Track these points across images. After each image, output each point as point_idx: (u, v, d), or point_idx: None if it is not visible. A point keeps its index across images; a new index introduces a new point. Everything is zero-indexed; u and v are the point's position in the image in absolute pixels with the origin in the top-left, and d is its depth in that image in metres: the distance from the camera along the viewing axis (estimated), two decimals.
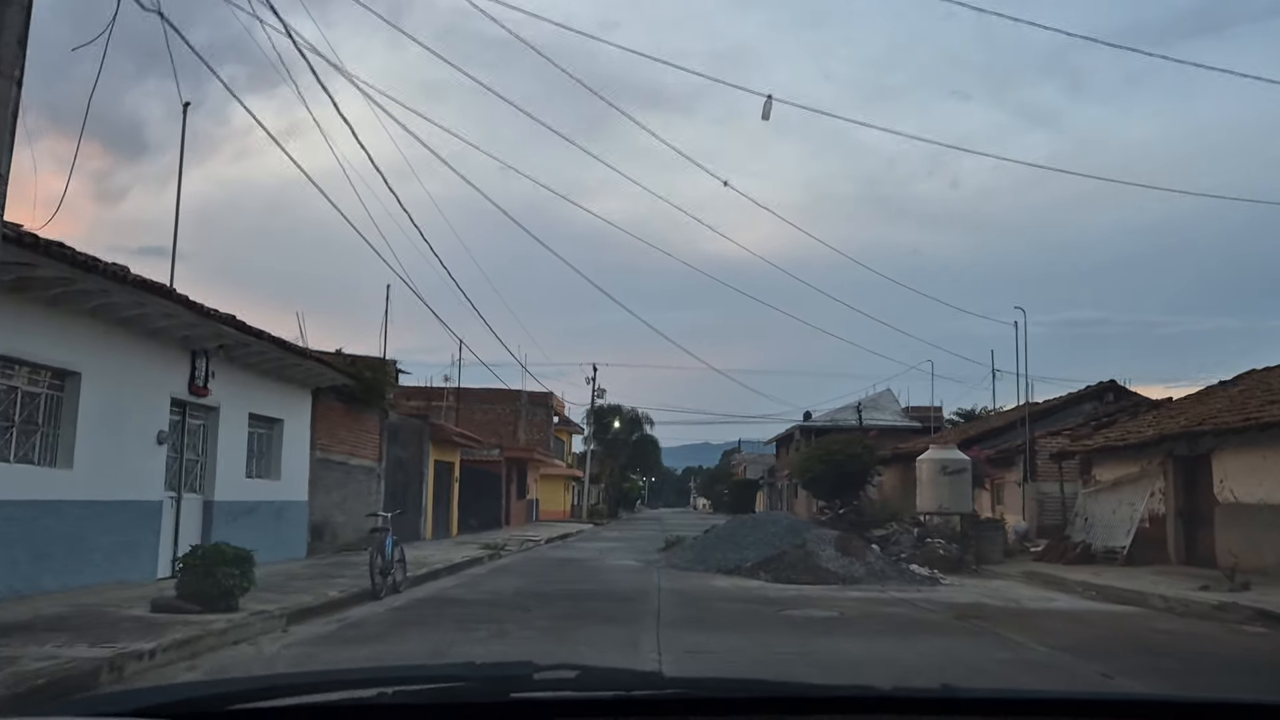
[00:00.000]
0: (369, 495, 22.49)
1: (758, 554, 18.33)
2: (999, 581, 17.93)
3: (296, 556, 18.00)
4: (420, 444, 27.10)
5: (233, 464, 15.57)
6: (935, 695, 1.96)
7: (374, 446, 22.88)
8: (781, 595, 14.38)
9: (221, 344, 14.19)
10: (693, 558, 19.54)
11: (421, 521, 27.02)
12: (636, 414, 69.28)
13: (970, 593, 15.34)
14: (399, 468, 25.28)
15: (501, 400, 46.26)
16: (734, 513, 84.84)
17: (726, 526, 22.10)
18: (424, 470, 27.24)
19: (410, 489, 26.30)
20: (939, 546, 20.56)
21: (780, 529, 19.63)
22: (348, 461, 21.10)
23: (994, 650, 8.91)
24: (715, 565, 18.43)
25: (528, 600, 13.50)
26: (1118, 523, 20.92)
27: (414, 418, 27.46)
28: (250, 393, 16.13)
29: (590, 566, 20.03)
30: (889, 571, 17.21)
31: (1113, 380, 30.22)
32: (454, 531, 30.54)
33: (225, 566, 9.80)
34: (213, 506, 14.90)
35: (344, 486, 20.91)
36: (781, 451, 73.18)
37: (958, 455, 22.71)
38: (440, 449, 28.87)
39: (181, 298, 12.06)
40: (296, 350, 15.90)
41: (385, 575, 13.61)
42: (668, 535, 27.15)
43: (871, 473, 37.52)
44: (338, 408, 20.56)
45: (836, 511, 28.40)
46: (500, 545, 24.69)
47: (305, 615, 10.64)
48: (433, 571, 16.93)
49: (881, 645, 9.15)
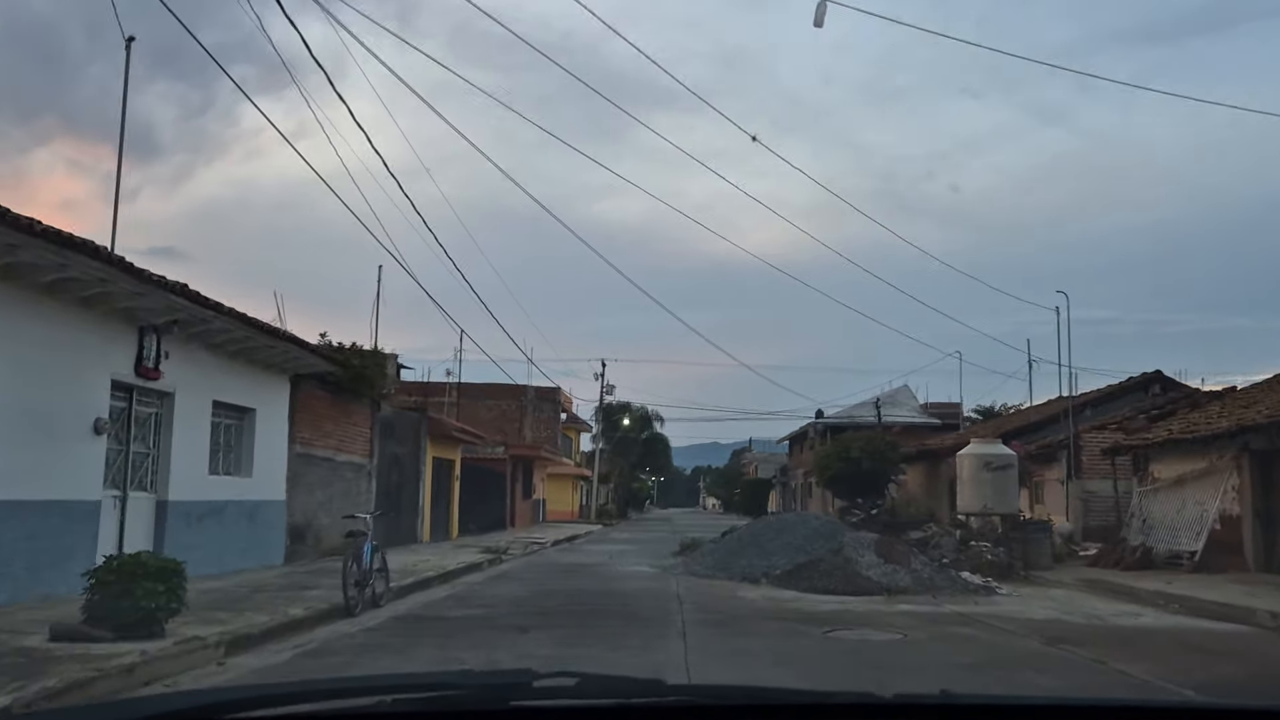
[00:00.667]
0: (358, 494, 20.49)
1: (787, 560, 16.27)
2: (1059, 591, 15.85)
3: (272, 563, 16.01)
4: (417, 439, 25.11)
5: (193, 458, 13.57)
6: (934, 701, 1.94)
7: (364, 441, 20.89)
8: (821, 610, 12.32)
9: (175, 319, 12.19)
10: (713, 564, 17.49)
11: (418, 523, 25.02)
12: (646, 411, 67.28)
13: (1036, 606, 13.26)
14: (393, 465, 23.30)
15: (506, 396, 44.25)
16: (745, 513, 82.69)
17: (750, 529, 20.03)
18: (421, 468, 25.25)
19: (406, 488, 24.31)
20: (985, 551, 18.47)
21: (810, 532, 17.54)
22: (334, 457, 19.10)
23: (1129, 695, 6.85)
24: (740, 573, 16.38)
25: (527, 616, 11.51)
26: (1183, 524, 18.82)
27: (410, 411, 25.46)
28: (215, 377, 14.14)
29: (600, 574, 17.98)
30: (938, 580, 15.14)
31: (1158, 371, 28.07)
32: (454, 534, 28.55)
33: (147, 582, 7.78)
34: (167, 507, 12.90)
35: (329, 485, 18.91)
36: (795, 450, 71.06)
37: (1003, 450, 20.61)
38: (439, 445, 26.88)
39: (115, 258, 10.06)
40: (266, 329, 13.89)
41: (363, 587, 11.61)
42: (683, 538, 25.11)
43: (895, 471, 35.47)
44: (322, 398, 18.56)
45: (867, 512, 26.26)
46: (502, 549, 22.69)
47: (252, 642, 8.61)
48: (422, 581, 14.93)
49: (981, 687, 7.08)
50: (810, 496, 64.38)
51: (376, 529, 21.85)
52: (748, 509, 79.72)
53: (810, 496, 64.38)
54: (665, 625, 10.61)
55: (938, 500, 34.49)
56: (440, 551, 21.63)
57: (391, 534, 22.72)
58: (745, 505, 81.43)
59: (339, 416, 19.39)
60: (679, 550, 24.34)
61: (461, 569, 17.32)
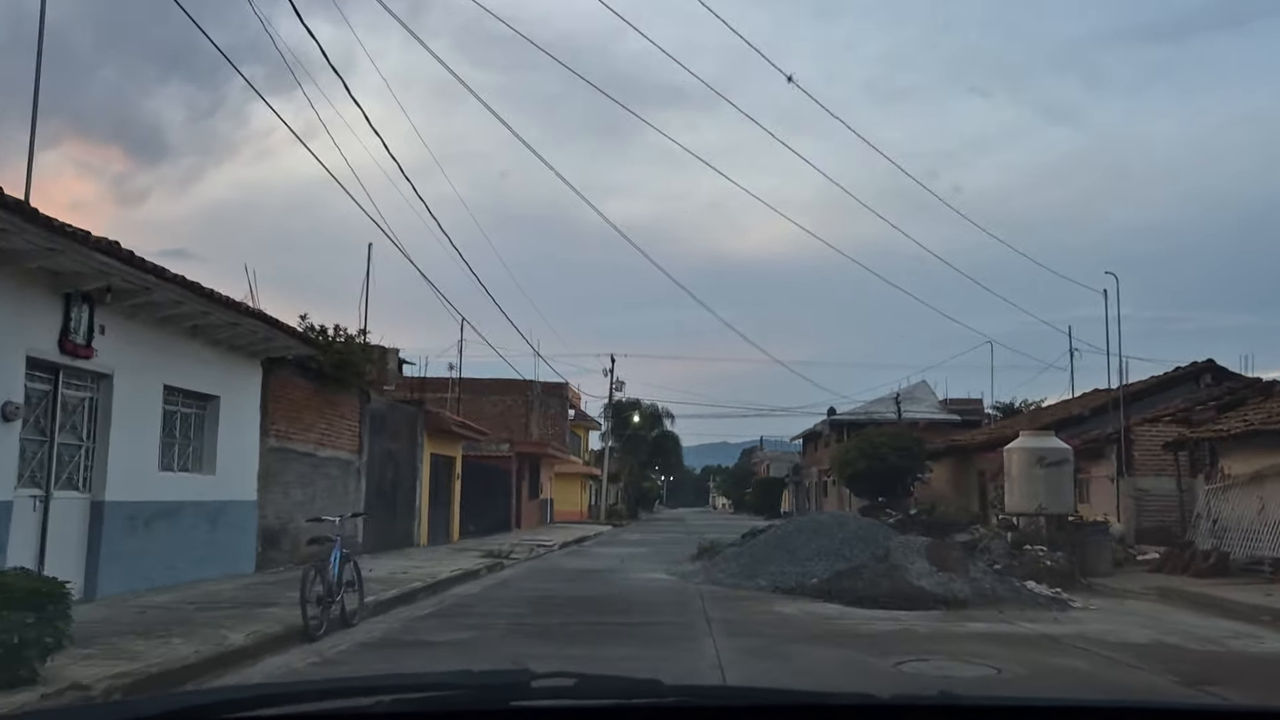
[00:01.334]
0: (345, 494, 18.52)
1: (825, 567, 14.23)
2: (1136, 603, 13.79)
3: (241, 572, 14.04)
4: (413, 435, 23.14)
5: (138, 452, 11.59)
6: (934, 701, 1.95)
7: (352, 435, 18.92)
8: (878, 630, 10.28)
9: (108, 285, 10.21)
10: (738, 570, 15.45)
11: (414, 525, 23.05)
12: (656, 409, 65.24)
13: (1124, 623, 11.22)
14: (386, 462, 21.33)
15: (512, 391, 42.25)
16: (757, 513, 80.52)
17: (778, 531, 17.95)
18: (417, 465, 23.28)
19: (400, 487, 22.34)
20: (1042, 556, 16.40)
21: (849, 535, 15.50)
22: (315, 453, 17.12)
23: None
24: (770, 581, 14.34)
25: (525, 640, 9.58)
26: (1264, 526, 16.72)
27: (405, 404, 23.49)
28: (167, 358, 12.16)
29: (612, 583, 15.97)
30: (1000, 590, 13.08)
31: (1210, 360, 25.91)
32: (455, 536, 26.57)
33: (11, 611, 5.79)
34: (104, 509, 10.92)
35: (310, 483, 16.94)
36: (809, 448, 68.95)
37: (1057, 444, 18.52)
38: (438, 441, 24.89)
39: (11, 201, 8.07)
40: (225, 303, 11.89)
41: (328, 606, 9.61)
42: (699, 540, 23.10)
43: (921, 468, 33.42)
44: (302, 387, 16.59)
45: (906, 512, 24.04)
46: (505, 553, 20.71)
47: (163, 685, 6.62)
48: (407, 593, 12.93)
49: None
50: (825, 496, 62.26)
51: (366, 532, 19.97)
52: (760, 509, 77.57)
53: (825, 496, 62.26)
54: (695, 653, 8.59)
55: (966, 498, 32.36)
56: (436, 557, 19.66)
57: (384, 537, 20.78)
58: (757, 505, 79.31)
59: (322, 407, 17.42)
60: (697, 554, 22.35)
61: (456, 577, 15.33)
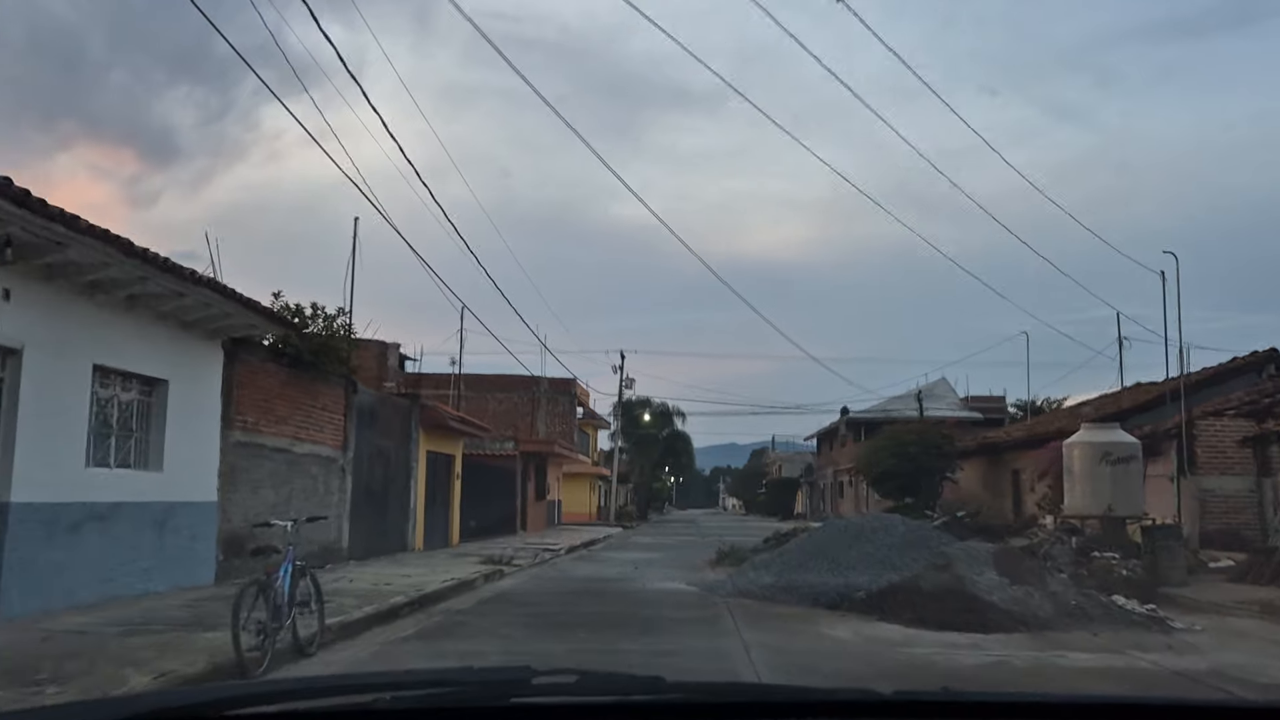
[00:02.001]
0: (327, 494, 16.55)
1: (871, 578, 12.17)
2: (1239, 621, 11.68)
3: (198, 583, 12.07)
4: (406, 430, 21.16)
5: (58, 443, 9.61)
6: (935, 698, 1.92)
7: (335, 430, 16.94)
8: (963, 665, 8.22)
9: (7, 237, 8.22)
10: (771, 581, 13.38)
11: (408, 528, 21.06)
12: (667, 408, 63.19)
13: (1247, 650, 9.19)
14: (376, 460, 19.35)
15: (517, 388, 40.26)
16: (769, 514, 78.38)
17: (815, 537, 15.84)
18: (412, 464, 21.29)
19: (393, 487, 20.37)
20: (1115, 564, 14.32)
21: (897, 540, 13.45)
22: (292, 448, 15.14)
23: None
24: (809, 594, 12.27)
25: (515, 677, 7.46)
26: None
27: (398, 397, 21.53)
28: (98, 334, 10.18)
29: (625, 595, 13.93)
30: (1088, 607, 11.00)
31: (1273, 349, 23.74)
32: (454, 539, 24.58)
33: None
34: (10, 511, 8.93)
35: (286, 482, 14.97)
36: (824, 448, 66.84)
37: (1124, 438, 16.45)
38: (435, 438, 22.91)
39: None
40: (162, 265, 9.88)
41: (272, 634, 7.59)
42: (719, 544, 21.10)
43: (950, 466, 31.32)
44: (275, 373, 14.63)
45: (953, 515, 21.94)
46: (507, 558, 18.72)
47: None
48: (386, 610, 10.92)
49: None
50: (841, 497, 60.13)
51: (353, 536, 18.01)
52: (773, 510, 75.46)
53: (841, 497, 60.13)
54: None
55: (999, 499, 30.23)
56: (430, 563, 17.68)
57: (374, 542, 18.81)
58: (770, 506, 77.20)
59: (299, 397, 15.44)
60: (716, 559, 20.34)
61: (447, 589, 13.34)
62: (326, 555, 16.35)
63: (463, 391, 38.95)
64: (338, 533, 16.97)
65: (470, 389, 40.04)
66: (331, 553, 16.61)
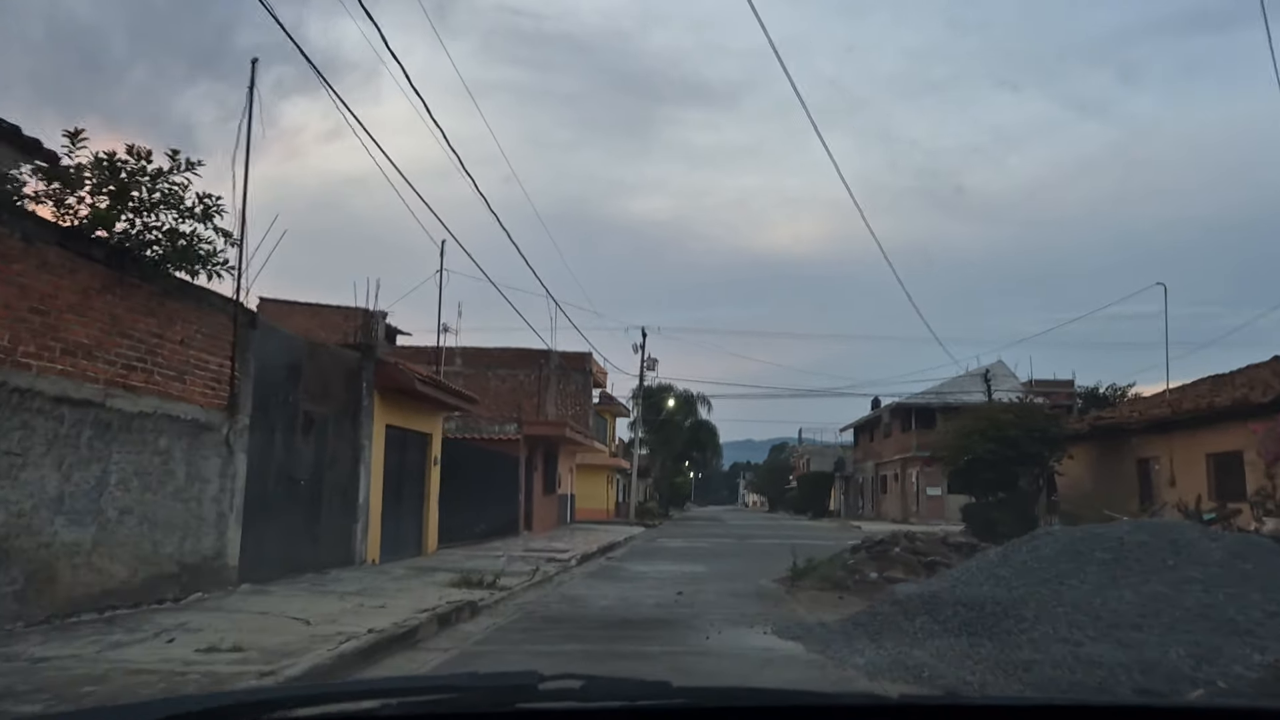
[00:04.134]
0: (190, 481, 10.15)
1: (1204, 648, 5.67)
2: None
3: None
4: (353, 395, 14.78)
5: None
6: (941, 702, 1.92)
7: (213, 380, 10.54)
8: None
9: None
10: (963, 649, 6.85)
11: (355, 532, 14.67)
12: (691, 395, 56.75)
13: None
14: (301, 432, 13.00)
15: (524, 365, 33.82)
16: (798, 510, 71.48)
17: (1026, 557, 9.03)
18: (362, 441, 14.90)
19: (330, 474, 14.00)
20: None
21: (1224, 567, 6.90)
22: (106, 401, 8.72)
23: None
24: (1066, 682, 5.79)
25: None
26: None
27: (344, 348, 15.13)
28: None
29: (684, 664, 7.37)
30: None
31: None
32: (429, 545, 18.21)
33: None
34: None
35: (95, 459, 8.53)
36: (862, 439, 60.15)
37: None
38: (401, 408, 16.53)
39: None
40: None
41: None
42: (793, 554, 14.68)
43: (1061, 453, 24.71)
44: (61, 266, 8.24)
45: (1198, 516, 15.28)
46: (493, 577, 12.39)
47: None
48: None
49: None
50: (884, 492, 53.41)
51: (259, 546, 11.53)
52: (803, 507, 68.59)
53: (884, 492, 53.41)
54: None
55: (1119, 494, 23.59)
56: (372, 589, 11.32)
57: (292, 553, 12.44)
58: (801, 503, 70.36)
59: (131, 320, 9.04)
60: (791, 577, 13.98)
61: (365, 649, 6.95)
62: (193, 578, 9.99)
63: (458, 366, 32.59)
64: (217, 542, 10.59)
65: (469, 365, 33.68)
66: (204, 574, 10.25)
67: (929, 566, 14.29)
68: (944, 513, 46.25)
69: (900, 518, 47.78)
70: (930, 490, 46.21)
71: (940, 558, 14.66)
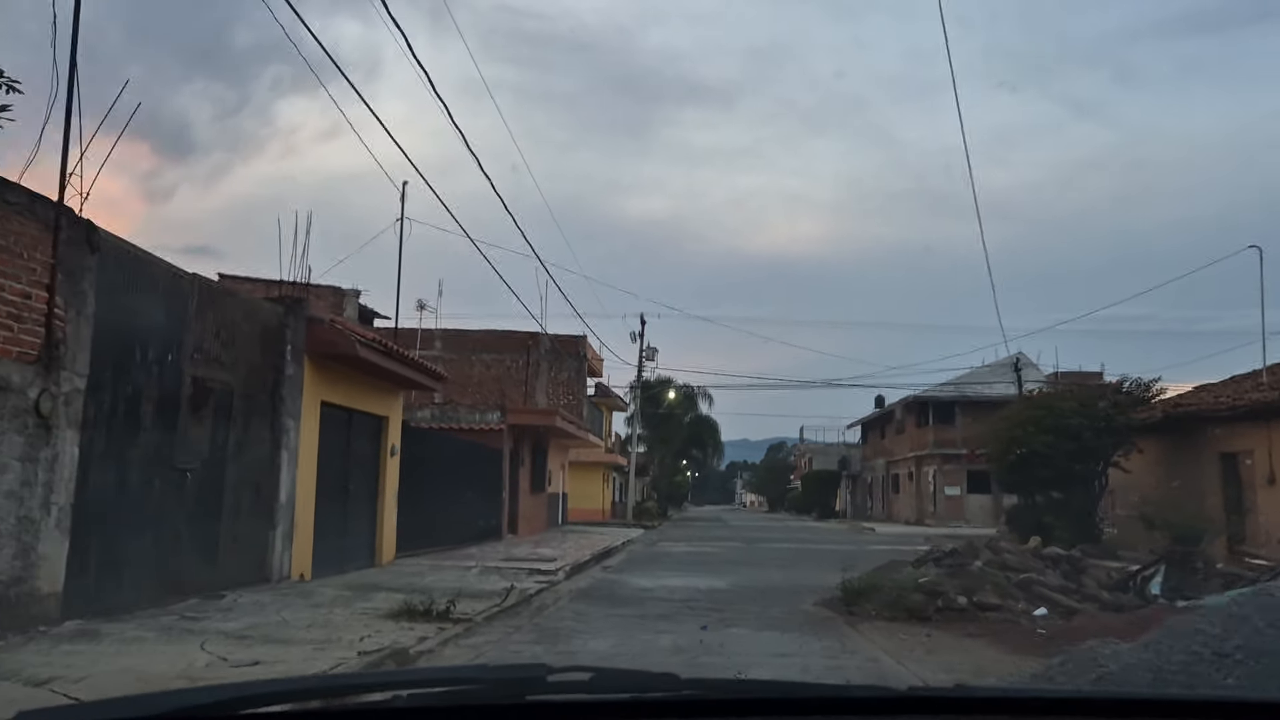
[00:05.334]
0: None
1: None
2: None
3: None
4: (273, 361, 11.18)
5: None
6: (949, 694, 1.92)
7: (9, 317, 6.97)
8: None
9: None
10: None
11: (270, 542, 11.06)
12: (692, 389, 53.23)
13: None
14: (193, 408, 9.42)
15: (510, 348, 30.22)
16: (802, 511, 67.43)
17: None
18: (284, 422, 11.30)
19: (240, 463, 10.41)
20: None
21: None
22: None
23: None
24: None
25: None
26: None
27: (271, 301, 11.53)
28: None
29: None
30: None
31: None
32: (385, 555, 14.61)
33: None
34: None
35: None
36: (871, 436, 56.60)
37: None
38: (342, 382, 12.95)
39: None
40: None
41: None
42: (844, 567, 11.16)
43: (1128, 447, 21.17)
44: None
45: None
46: (447, 603, 8.80)
47: None
48: None
49: None
50: (897, 492, 49.82)
51: (77, 571, 7.53)
52: (807, 507, 65.00)
53: (897, 492, 49.82)
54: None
55: (1197, 496, 20.05)
56: (275, 623, 7.76)
57: (175, 570, 8.85)
58: (804, 503, 66.78)
59: None
60: (844, 595, 10.49)
61: None
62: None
63: (438, 350, 29.00)
64: (16, 562, 6.99)
65: (450, 348, 30.08)
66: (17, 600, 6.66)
67: (1024, 588, 10.76)
68: (964, 514, 42.75)
69: (915, 519, 44.26)
70: (949, 490, 42.71)
71: (1036, 576, 11.12)
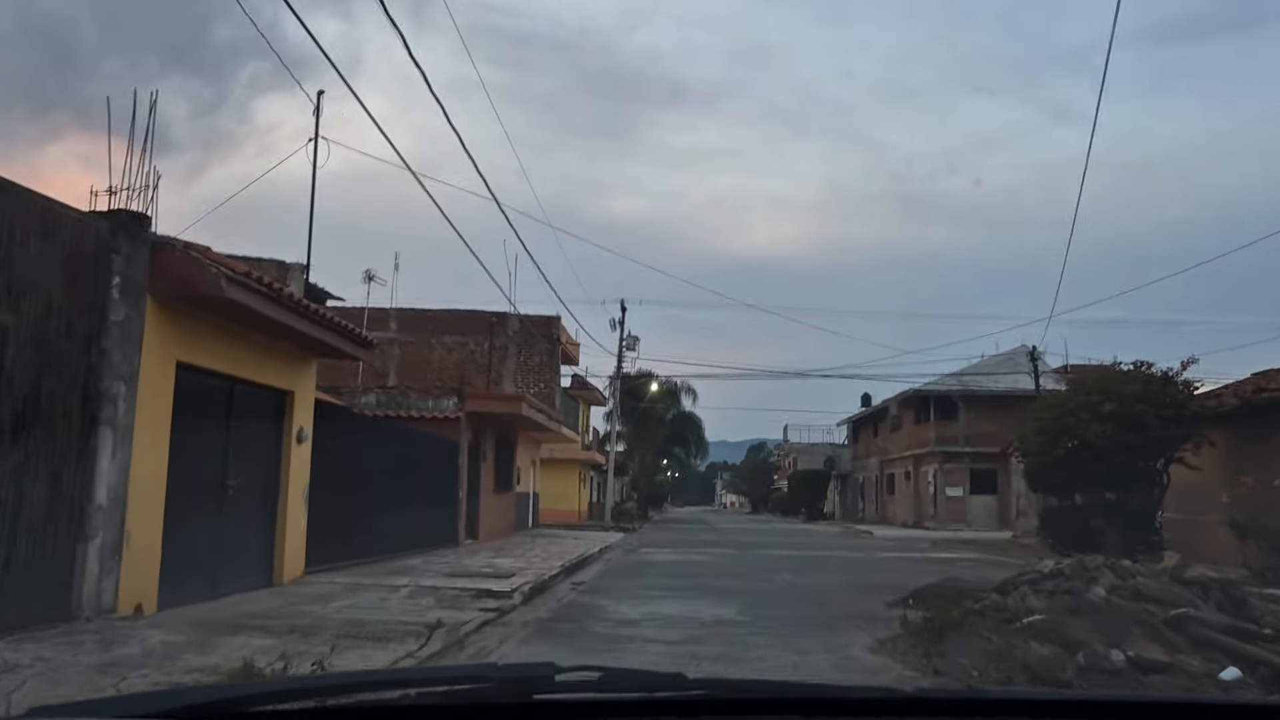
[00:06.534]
0: None
1: None
2: None
3: None
4: (88, 301, 7.60)
5: None
6: (957, 696, 1.86)
7: None
8: None
9: None
10: None
11: (88, 555, 7.48)
12: (675, 385, 49.79)
13: None
14: None
15: (475, 329, 26.62)
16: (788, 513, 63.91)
17: None
18: (105, 387, 7.71)
19: (25, 447, 6.84)
20: None
21: None
22: None
23: None
24: None
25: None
26: None
27: (93, 216, 7.94)
28: None
29: None
30: None
31: None
32: (292, 570, 11.03)
33: None
34: None
35: None
36: (862, 434, 53.36)
37: None
38: (214, 339, 9.38)
39: None
40: None
41: None
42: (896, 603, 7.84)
43: (1197, 439, 17.90)
44: None
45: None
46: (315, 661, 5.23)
47: None
48: None
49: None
50: (892, 493, 46.52)
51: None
52: (792, 508, 61.59)
53: (892, 493, 46.52)
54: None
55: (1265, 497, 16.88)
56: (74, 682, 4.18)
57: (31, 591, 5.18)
58: (790, 504, 63.37)
59: None
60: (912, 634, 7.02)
61: None
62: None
63: (393, 331, 25.37)
64: None
65: (407, 329, 26.45)
66: None
67: (1178, 629, 7.38)
68: (966, 516, 39.52)
69: (913, 521, 41.02)
70: (950, 490, 39.48)
71: (1193, 612, 7.72)
